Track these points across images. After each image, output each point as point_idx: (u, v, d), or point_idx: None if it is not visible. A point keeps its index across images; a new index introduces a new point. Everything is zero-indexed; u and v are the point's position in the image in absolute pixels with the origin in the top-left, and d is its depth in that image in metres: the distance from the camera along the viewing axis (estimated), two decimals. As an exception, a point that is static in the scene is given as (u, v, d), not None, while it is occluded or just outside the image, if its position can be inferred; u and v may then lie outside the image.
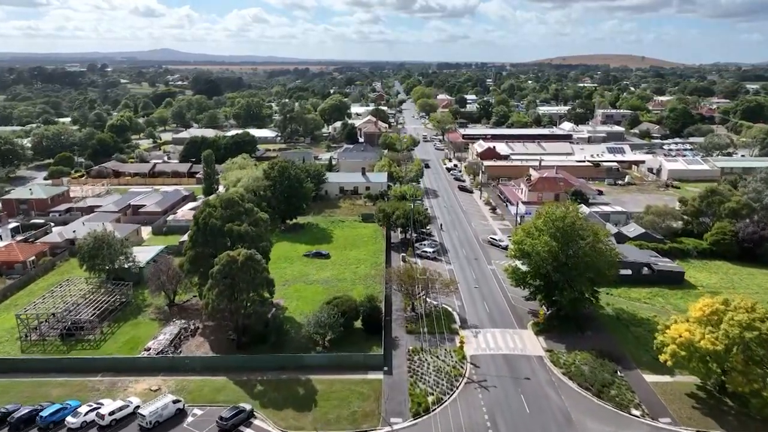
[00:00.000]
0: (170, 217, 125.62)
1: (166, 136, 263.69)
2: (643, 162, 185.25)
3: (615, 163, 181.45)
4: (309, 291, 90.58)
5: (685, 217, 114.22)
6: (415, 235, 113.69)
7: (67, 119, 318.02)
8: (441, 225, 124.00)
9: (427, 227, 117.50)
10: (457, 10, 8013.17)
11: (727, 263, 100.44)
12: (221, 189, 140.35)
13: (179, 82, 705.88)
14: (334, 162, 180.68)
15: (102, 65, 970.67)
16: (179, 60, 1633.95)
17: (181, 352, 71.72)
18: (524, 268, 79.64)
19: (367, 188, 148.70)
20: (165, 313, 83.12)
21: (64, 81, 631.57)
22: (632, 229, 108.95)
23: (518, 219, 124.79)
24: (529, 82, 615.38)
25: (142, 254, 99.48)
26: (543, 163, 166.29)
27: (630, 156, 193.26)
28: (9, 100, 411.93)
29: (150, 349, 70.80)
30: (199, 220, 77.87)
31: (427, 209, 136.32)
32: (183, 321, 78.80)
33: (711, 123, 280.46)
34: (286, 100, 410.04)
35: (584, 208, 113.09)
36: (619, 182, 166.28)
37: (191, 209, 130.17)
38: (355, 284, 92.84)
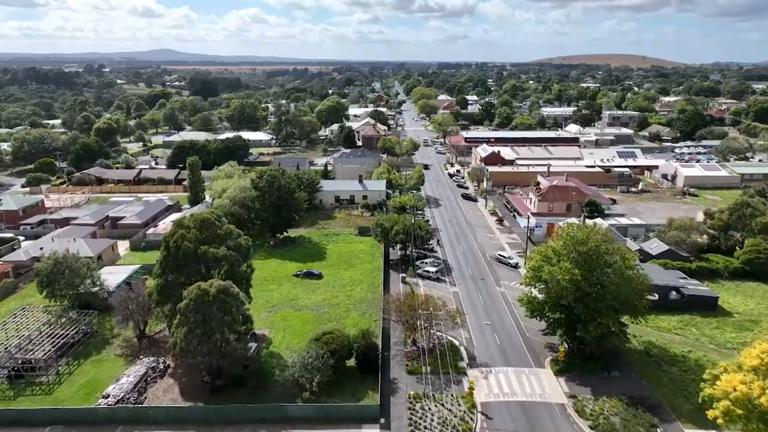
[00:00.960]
0: (150, 231, 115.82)
1: (158, 140, 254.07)
2: (656, 167, 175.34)
3: (627, 169, 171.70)
4: (297, 319, 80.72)
5: (712, 231, 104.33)
6: (416, 251, 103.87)
7: (58, 121, 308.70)
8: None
9: (429, 242, 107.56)
10: (456, 10, 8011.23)
11: (762, 285, 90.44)
12: (207, 199, 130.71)
13: (176, 83, 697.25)
14: (329, 168, 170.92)
15: (99, 65, 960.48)
16: (179, 60, 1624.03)
17: (145, 398, 61.92)
18: (541, 296, 69.81)
19: (365, 197, 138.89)
20: (133, 348, 73.28)
21: (59, 82, 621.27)
22: (655, 246, 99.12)
23: (528, 232, 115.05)
24: (531, 82, 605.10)
25: (114, 275, 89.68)
26: (551, 169, 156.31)
27: (642, 160, 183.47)
28: (1, 101, 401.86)
29: (109, 396, 60.89)
30: (170, 243, 68.08)
31: (428, 220, 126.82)
32: (152, 359, 68.89)
33: (721, 124, 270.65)
34: (283, 101, 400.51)
35: (602, 222, 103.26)
36: (633, 189, 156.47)
37: (174, 221, 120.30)
38: (350, 310, 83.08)
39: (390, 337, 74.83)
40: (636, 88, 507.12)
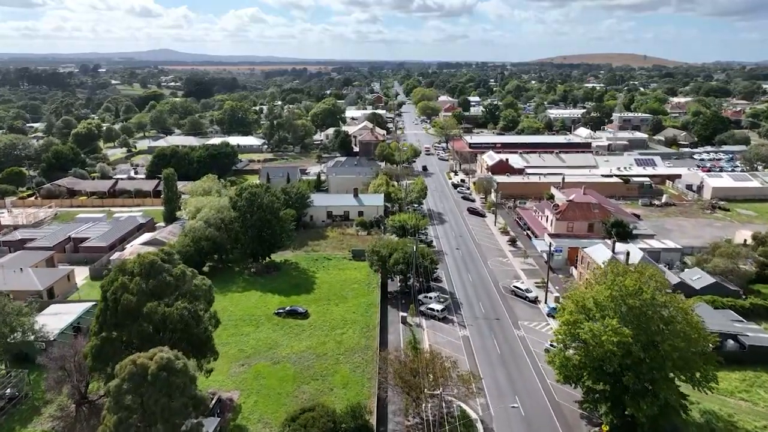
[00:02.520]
0: (115, 255, 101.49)
1: (145, 144, 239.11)
2: (678, 176, 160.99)
3: (647, 179, 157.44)
4: (275, 376, 66.39)
5: (762, 258, 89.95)
6: (419, 280, 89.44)
7: (43, 124, 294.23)
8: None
9: (435, 271, 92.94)
10: (454, 9, 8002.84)
11: (831, 328, 76.22)
12: (184, 216, 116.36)
13: (172, 83, 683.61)
14: (322, 177, 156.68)
15: (94, 66, 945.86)
16: (178, 60, 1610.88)
17: (69, 502, 47.71)
18: (576, 357, 55.44)
19: (360, 213, 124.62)
20: (69, 418, 58.99)
21: (53, 82, 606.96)
22: (698, 278, 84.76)
23: (546, 257, 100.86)
24: (533, 82, 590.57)
25: (60, 317, 75.45)
26: (564, 179, 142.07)
27: (662, 169, 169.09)
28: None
29: (18, 502, 46.68)
30: (108, 294, 53.80)
31: (431, 242, 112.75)
32: (85, 440, 54.62)
33: (737, 127, 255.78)
34: (279, 103, 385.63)
35: (634, 249, 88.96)
36: (656, 202, 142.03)
37: (145, 243, 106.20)
38: (339, 363, 68.84)
39: (387, 405, 60.53)
40: (642, 89, 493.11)
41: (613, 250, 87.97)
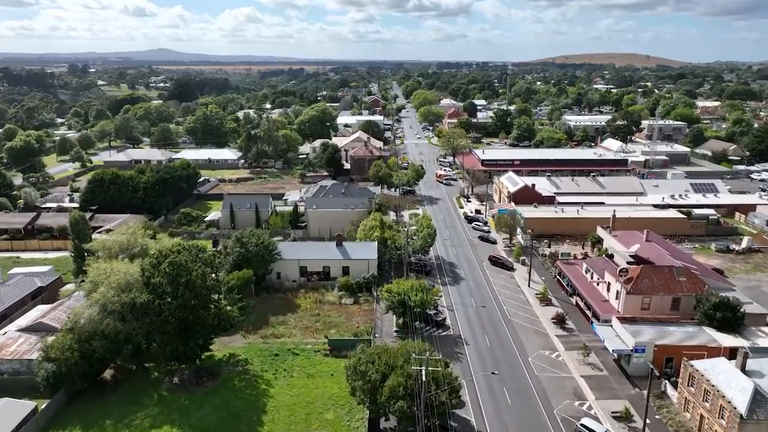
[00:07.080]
0: (-26, 352, 67.80)
1: (103, 159, 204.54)
2: (752, 208, 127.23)
3: (712, 211, 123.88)
4: None
5: None
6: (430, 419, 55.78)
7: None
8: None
9: (456, 400, 58.95)
10: (451, 9, 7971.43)
11: None
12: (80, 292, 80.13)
13: (161, 84, 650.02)
14: (300, 209, 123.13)
15: (83, 65, 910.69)
16: (176, 60, 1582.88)
17: None
18: None
19: (346, 270, 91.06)
20: None
21: (34, 83, 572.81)
22: None
23: (619, 358, 67.45)
24: (539, 83, 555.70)
25: None
26: (615, 215, 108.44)
27: (727, 196, 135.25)
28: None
29: None
30: None
31: (445, 318, 79.44)
32: None
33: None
34: (268, 106, 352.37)
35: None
36: (735, 248, 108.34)
37: (24, 329, 72.42)
38: None
39: None
40: (656, 91, 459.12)
41: (743, 369, 54.59)
